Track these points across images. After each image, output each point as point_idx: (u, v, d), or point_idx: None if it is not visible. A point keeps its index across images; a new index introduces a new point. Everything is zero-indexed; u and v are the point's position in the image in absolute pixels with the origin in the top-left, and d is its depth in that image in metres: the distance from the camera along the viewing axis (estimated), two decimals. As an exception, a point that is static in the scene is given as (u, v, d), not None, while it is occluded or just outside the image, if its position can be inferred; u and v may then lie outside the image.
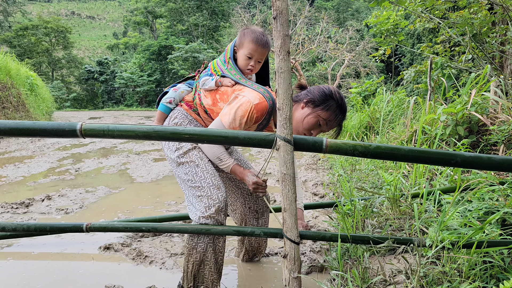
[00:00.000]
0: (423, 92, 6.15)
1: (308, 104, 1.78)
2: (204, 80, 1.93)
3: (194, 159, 1.89)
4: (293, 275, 1.58)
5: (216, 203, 1.80)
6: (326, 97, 1.77)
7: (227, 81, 1.89)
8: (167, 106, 2.03)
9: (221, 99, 1.88)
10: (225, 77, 1.91)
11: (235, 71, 1.91)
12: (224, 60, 1.95)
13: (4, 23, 41.98)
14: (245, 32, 1.90)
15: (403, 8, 4.80)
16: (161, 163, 6.21)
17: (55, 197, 3.91)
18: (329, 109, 1.76)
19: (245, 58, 1.90)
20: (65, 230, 2.22)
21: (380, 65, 22.41)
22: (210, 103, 1.92)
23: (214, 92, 1.91)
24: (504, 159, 1.53)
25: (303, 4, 19.67)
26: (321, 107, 1.76)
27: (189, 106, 2.02)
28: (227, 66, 1.92)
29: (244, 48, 1.89)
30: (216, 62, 1.98)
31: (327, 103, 1.76)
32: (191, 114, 2.00)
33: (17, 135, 1.59)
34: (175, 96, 2.03)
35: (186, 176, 1.87)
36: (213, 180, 1.84)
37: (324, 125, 1.79)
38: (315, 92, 1.79)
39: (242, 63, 1.92)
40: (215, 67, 1.96)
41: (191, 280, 1.85)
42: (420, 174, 2.75)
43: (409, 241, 1.72)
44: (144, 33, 53.04)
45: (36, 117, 12.44)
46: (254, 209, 2.20)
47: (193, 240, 1.84)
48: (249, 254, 2.34)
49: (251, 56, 1.89)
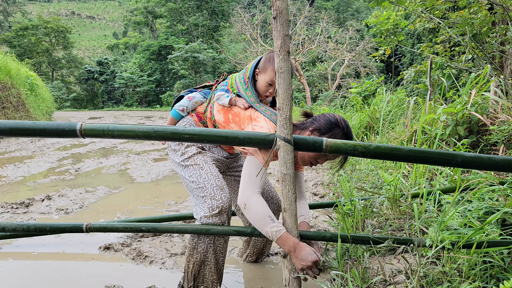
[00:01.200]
0: (423, 92, 6.15)
1: (314, 132, 1.75)
2: (219, 95, 1.91)
3: (199, 162, 1.92)
4: (293, 275, 1.58)
5: (219, 203, 1.81)
6: (332, 125, 1.74)
7: (240, 103, 1.85)
8: (178, 113, 2.07)
9: (234, 120, 1.86)
10: (240, 97, 1.88)
11: (251, 93, 1.86)
12: (244, 79, 1.90)
13: (4, 23, 41.99)
14: (271, 57, 1.84)
15: (403, 8, 4.80)
16: (161, 163, 6.21)
17: (55, 197, 3.91)
18: (335, 137, 1.72)
19: (266, 84, 1.85)
20: (65, 230, 2.22)
21: (380, 65, 22.42)
22: (222, 120, 1.91)
23: (227, 110, 1.89)
24: (504, 159, 1.53)
25: (303, 4, 19.67)
26: (327, 135, 1.72)
27: (199, 117, 2.04)
28: (245, 86, 1.88)
29: (266, 75, 1.84)
30: (234, 79, 1.95)
31: (333, 131, 1.74)
32: (199, 126, 2.02)
33: (17, 135, 1.59)
34: (189, 106, 2.06)
35: (190, 178, 1.90)
36: (216, 182, 1.86)
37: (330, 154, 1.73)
38: (321, 120, 1.77)
39: (262, 89, 1.87)
40: (232, 83, 1.93)
41: (191, 280, 1.85)
42: (420, 174, 2.75)
43: (409, 241, 1.72)
44: (144, 33, 53.05)
45: (36, 117, 12.44)
46: None
47: (193, 240, 1.84)
48: (253, 256, 2.35)
49: (272, 84, 1.84)
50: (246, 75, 1.90)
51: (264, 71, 1.85)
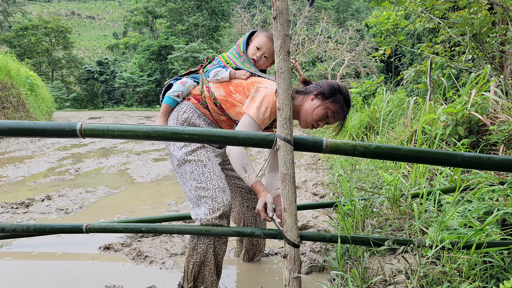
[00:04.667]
0: (423, 92, 6.15)
1: (318, 96, 1.84)
2: (217, 71, 1.96)
3: (202, 159, 1.88)
4: (293, 275, 1.58)
5: (221, 206, 1.80)
6: (335, 90, 1.84)
7: (241, 73, 1.96)
8: (174, 99, 1.99)
9: (236, 90, 1.92)
10: (239, 69, 1.98)
11: (249, 65, 2.00)
12: (238, 53, 2.04)
13: (4, 23, 41.96)
14: (264, 29, 2.09)
15: (403, 8, 4.80)
16: (161, 163, 6.21)
17: (55, 197, 3.91)
18: (337, 102, 1.83)
19: (254, 48, 2.02)
20: (65, 230, 2.21)
21: (380, 65, 22.42)
22: (224, 94, 1.93)
23: (227, 84, 1.95)
24: (504, 159, 1.53)
25: (303, 4, 19.66)
26: (330, 99, 1.82)
27: (198, 100, 2.00)
28: (241, 60, 2.02)
29: (256, 40, 2.04)
30: (227, 55, 2.06)
31: (335, 96, 1.83)
32: (200, 108, 1.99)
33: (17, 135, 1.59)
34: (183, 90, 2.00)
35: (191, 175, 1.85)
36: (219, 183, 1.84)
37: (331, 117, 1.85)
38: (325, 85, 1.86)
39: (250, 52, 2.03)
40: (227, 59, 2.04)
41: (191, 280, 1.85)
42: (420, 174, 2.75)
43: (409, 242, 1.72)
44: (144, 33, 53.03)
45: (36, 117, 12.44)
46: (252, 207, 2.21)
47: (193, 241, 1.84)
48: (249, 254, 2.34)
49: (259, 48, 2.01)
50: (240, 49, 2.05)
51: (255, 38, 2.05)
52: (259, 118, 1.79)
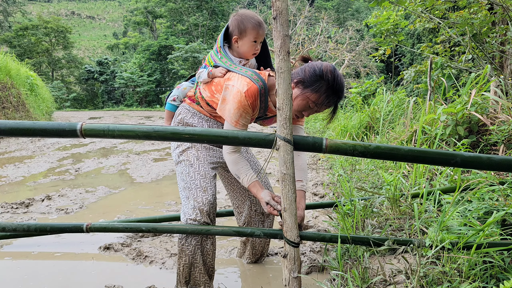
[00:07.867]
0: (423, 92, 6.15)
1: (298, 85, 1.66)
2: (199, 73, 1.97)
3: (190, 159, 1.91)
4: (293, 275, 1.58)
5: (200, 205, 1.81)
6: (317, 78, 1.61)
7: (217, 72, 1.85)
8: (172, 104, 2.10)
9: (216, 90, 1.86)
10: (218, 67, 1.89)
11: (226, 59, 1.88)
12: (216, 49, 1.93)
13: (4, 23, 41.94)
14: (241, 20, 1.85)
15: (403, 8, 4.80)
16: (161, 163, 6.21)
17: (55, 197, 3.91)
18: (318, 91, 1.61)
19: (251, 44, 1.87)
20: (65, 230, 2.22)
21: (380, 65, 22.40)
22: (209, 95, 1.91)
23: (209, 84, 1.90)
24: (504, 159, 1.53)
25: (303, 4, 19.66)
26: (309, 88, 1.62)
27: (192, 100, 2.03)
28: (219, 55, 1.90)
29: (248, 35, 1.85)
30: (210, 54, 1.99)
31: (316, 84, 1.61)
32: (194, 107, 2.01)
33: (17, 135, 1.59)
34: (178, 94, 2.10)
35: (181, 175, 1.91)
36: (201, 182, 1.85)
37: (314, 107, 1.67)
38: (307, 71, 1.65)
39: (248, 49, 1.88)
40: (209, 59, 1.97)
41: (183, 282, 1.87)
42: (420, 174, 2.75)
43: (409, 242, 1.72)
44: (144, 33, 53.01)
45: (36, 117, 12.43)
46: (260, 211, 2.19)
47: (181, 243, 1.85)
48: (252, 258, 2.33)
49: (256, 41, 1.87)
50: (218, 45, 1.93)
51: (244, 34, 1.85)
52: (232, 120, 1.73)
